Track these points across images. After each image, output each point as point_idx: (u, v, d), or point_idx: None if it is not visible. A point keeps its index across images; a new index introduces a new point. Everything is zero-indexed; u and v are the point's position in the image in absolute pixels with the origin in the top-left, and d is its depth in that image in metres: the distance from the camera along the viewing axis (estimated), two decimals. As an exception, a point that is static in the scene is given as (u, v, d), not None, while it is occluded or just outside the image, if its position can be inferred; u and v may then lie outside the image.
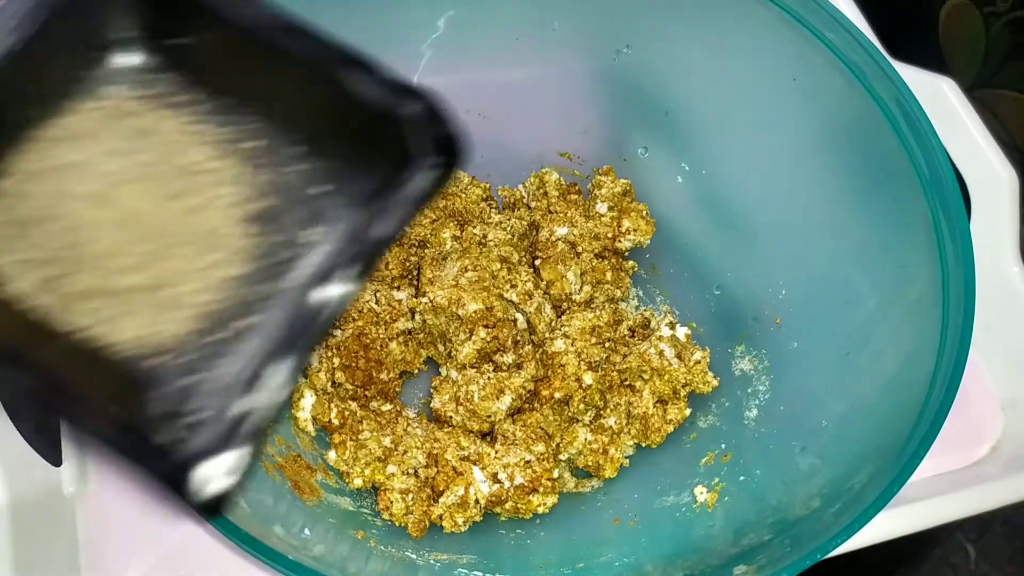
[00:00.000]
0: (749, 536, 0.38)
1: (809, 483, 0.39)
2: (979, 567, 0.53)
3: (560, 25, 0.47)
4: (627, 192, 0.52)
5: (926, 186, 0.38)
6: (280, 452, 0.42)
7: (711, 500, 0.42)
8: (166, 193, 0.21)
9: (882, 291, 0.41)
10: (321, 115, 0.23)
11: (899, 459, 0.34)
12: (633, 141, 0.52)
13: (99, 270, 0.21)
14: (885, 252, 0.41)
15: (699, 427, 0.47)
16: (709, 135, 0.48)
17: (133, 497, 0.43)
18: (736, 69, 0.45)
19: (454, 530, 0.43)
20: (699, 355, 0.47)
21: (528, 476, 0.43)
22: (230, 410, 0.21)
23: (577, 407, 0.46)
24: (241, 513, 0.34)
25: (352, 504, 0.43)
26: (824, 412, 0.41)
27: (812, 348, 0.44)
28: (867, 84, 0.39)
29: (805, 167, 0.45)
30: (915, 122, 0.38)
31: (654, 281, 0.52)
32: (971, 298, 0.36)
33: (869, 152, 0.41)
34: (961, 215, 0.37)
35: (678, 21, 0.46)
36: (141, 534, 0.43)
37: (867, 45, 0.39)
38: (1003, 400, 0.51)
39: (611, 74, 0.49)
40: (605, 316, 0.47)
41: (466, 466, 0.43)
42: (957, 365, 0.35)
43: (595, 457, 0.45)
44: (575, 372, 0.45)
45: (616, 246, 0.51)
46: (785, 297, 0.46)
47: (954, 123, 0.51)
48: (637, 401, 0.46)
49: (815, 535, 0.34)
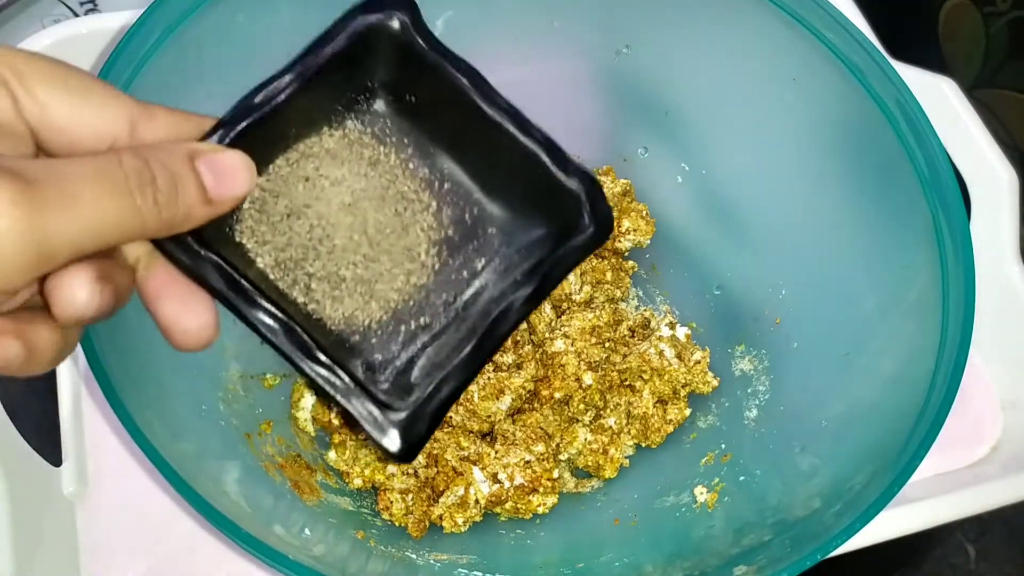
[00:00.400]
0: (749, 536, 0.38)
1: (809, 483, 0.39)
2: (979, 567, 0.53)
3: (560, 25, 0.47)
4: (627, 192, 0.52)
5: (926, 186, 0.38)
6: (280, 452, 0.42)
7: (711, 500, 0.42)
8: (390, 211, 0.28)
9: (882, 291, 0.41)
10: (504, 172, 0.28)
11: (899, 459, 0.34)
12: (633, 141, 0.52)
13: (328, 261, 0.27)
14: (885, 252, 0.41)
15: (699, 427, 0.47)
16: (709, 135, 0.48)
17: (133, 498, 0.43)
18: (736, 69, 0.45)
19: (454, 530, 0.43)
20: (699, 355, 0.47)
21: (528, 476, 0.43)
22: (411, 395, 0.27)
23: (577, 407, 0.46)
24: (241, 513, 0.34)
25: (352, 504, 0.43)
26: (824, 412, 0.41)
27: (812, 348, 0.44)
28: (867, 84, 0.39)
29: (805, 167, 0.45)
30: (915, 122, 0.38)
31: (654, 281, 0.52)
32: (971, 298, 0.36)
33: (869, 152, 0.41)
34: (961, 215, 0.37)
35: (678, 21, 0.46)
36: (141, 534, 0.43)
37: (867, 45, 0.39)
38: (1003, 400, 0.51)
39: (611, 74, 0.49)
40: (605, 316, 0.47)
41: (466, 466, 0.43)
42: (957, 365, 0.35)
43: (595, 457, 0.45)
44: (575, 372, 0.45)
45: (616, 246, 0.51)
46: (785, 297, 0.46)
47: (954, 123, 0.51)
48: (637, 401, 0.46)
49: (815, 535, 0.34)
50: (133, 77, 0.36)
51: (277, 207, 0.26)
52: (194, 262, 0.24)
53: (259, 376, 0.45)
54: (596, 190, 0.28)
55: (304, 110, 0.26)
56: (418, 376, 0.28)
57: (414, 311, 0.28)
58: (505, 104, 0.28)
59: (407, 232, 0.28)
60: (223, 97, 0.26)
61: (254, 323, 0.25)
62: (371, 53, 0.27)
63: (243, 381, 0.43)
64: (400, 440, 0.27)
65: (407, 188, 0.28)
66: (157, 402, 0.36)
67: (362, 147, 0.28)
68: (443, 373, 0.28)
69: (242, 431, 0.41)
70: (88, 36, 0.48)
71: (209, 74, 0.39)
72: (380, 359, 0.27)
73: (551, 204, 0.28)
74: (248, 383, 0.43)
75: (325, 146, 0.27)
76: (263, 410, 0.43)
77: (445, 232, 0.28)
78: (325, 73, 0.26)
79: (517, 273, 0.28)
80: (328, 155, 0.27)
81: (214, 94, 0.27)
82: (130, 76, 0.36)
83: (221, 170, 0.23)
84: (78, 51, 0.47)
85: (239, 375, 0.43)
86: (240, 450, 0.40)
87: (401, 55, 0.27)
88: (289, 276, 0.27)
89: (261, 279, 0.26)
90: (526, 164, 0.28)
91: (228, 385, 0.42)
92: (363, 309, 0.27)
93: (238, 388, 0.43)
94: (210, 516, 0.31)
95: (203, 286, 0.25)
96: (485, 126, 0.28)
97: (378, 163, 0.28)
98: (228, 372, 0.43)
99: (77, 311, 0.21)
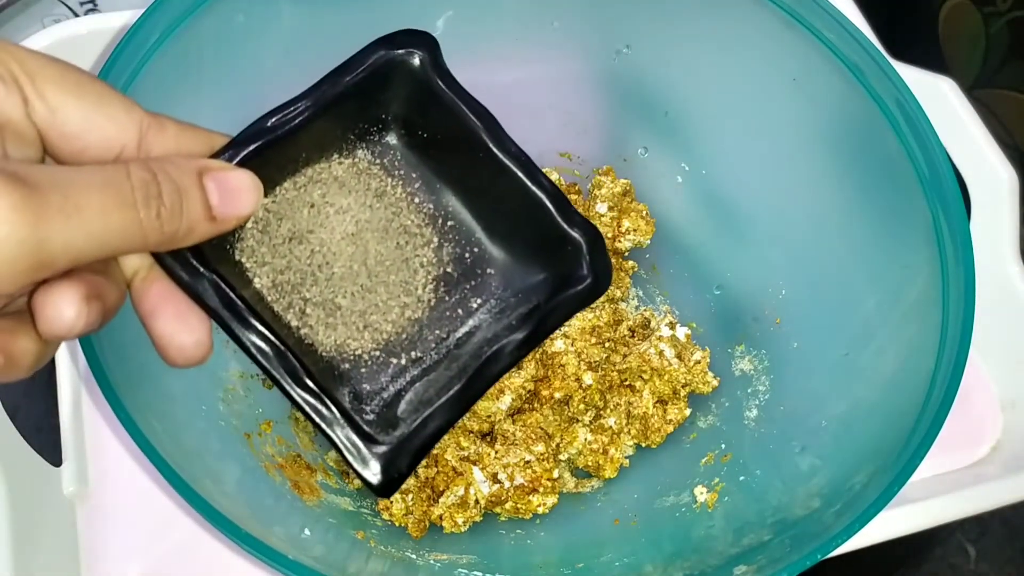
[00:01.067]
0: (749, 536, 0.38)
1: (809, 483, 0.39)
2: (979, 567, 0.53)
3: (560, 25, 0.47)
4: (627, 192, 0.52)
5: (926, 186, 0.38)
6: (280, 452, 0.42)
7: (711, 500, 0.42)
8: (392, 244, 0.28)
9: (882, 291, 0.41)
10: (509, 216, 0.29)
11: (899, 459, 0.34)
12: (633, 141, 0.51)
13: (326, 288, 0.27)
14: (885, 252, 0.41)
15: (699, 427, 0.47)
16: (709, 135, 0.48)
17: (133, 498, 0.43)
18: (736, 69, 0.45)
19: (454, 530, 0.43)
20: (699, 355, 0.47)
21: (528, 476, 0.43)
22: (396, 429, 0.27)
23: (577, 407, 0.46)
24: (241, 513, 0.34)
25: (352, 504, 0.43)
26: (824, 412, 0.41)
27: (812, 348, 0.44)
28: (867, 84, 0.39)
29: (805, 167, 0.45)
30: (915, 122, 0.38)
31: (654, 281, 0.52)
32: (971, 298, 0.36)
33: (869, 152, 0.41)
34: (961, 215, 0.37)
35: (678, 21, 0.46)
36: (141, 534, 0.43)
37: (867, 45, 0.39)
38: (1003, 400, 0.51)
39: (611, 74, 0.49)
40: (605, 316, 0.47)
41: (466, 466, 0.43)
42: (957, 365, 0.35)
43: (595, 457, 0.45)
44: (575, 372, 0.45)
45: (616, 246, 0.51)
46: (785, 297, 0.46)
47: (954, 123, 0.51)
48: (637, 401, 0.46)
49: (815, 535, 0.34)
50: (133, 77, 0.36)
51: (280, 230, 0.26)
52: (192, 278, 0.24)
53: (259, 376, 0.45)
54: (597, 242, 0.28)
55: (316, 136, 0.27)
56: (405, 411, 0.28)
57: (406, 344, 0.28)
58: (516, 150, 0.28)
59: (406, 266, 0.28)
60: (223, 98, 0.26)
61: (246, 344, 0.25)
62: (389, 87, 0.27)
63: (243, 381, 0.43)
64: (381, 473, 0.27)
65: (411, 222, 0.28)
66: (157, 402, 0.36)
67: (370, 177, 0.28)
68: (430, 410, 0.28)
69: (242, 431, 0.41)
70: (88, 36, 0.48)
71: (209, 74, 0.39)
72: (368, 389, 0.28)
73: (552, 252, 0.29)
74: (248, 383, 0.44)
75: (334, 173, 0.27)
76: (263, 410, 0.43)
77: (444, 269, 0.29)
78: (341, 102, 0.26)
79: (512, 317, 0.29)
80: (336, 183, 0.27)
81: (214, 95, 0.27)
82: (130, 76, 0.36)
83: (228, 189, 0.23)
84: (78, 51, 0.47)
85: (239, 375, 0.43)
86: (240, 450, 0.40)
87: (418, 92, 0.28)
88: (285, 299, 0.27)
89: (256, 299, 0.26)
90: (531, 210, 0.28)
91: (228, 385, 0.42)
92: (355, 338, 0.27)
93: (238, 388, 0.43)
94: (210, 516, 0.31)
95: (198, 303, 0.24)
96: (494, 170, 0.28)
97: (384, 195, 0.28)
98: (228, 372, 0.43)
99: (62, 329, 0.21)
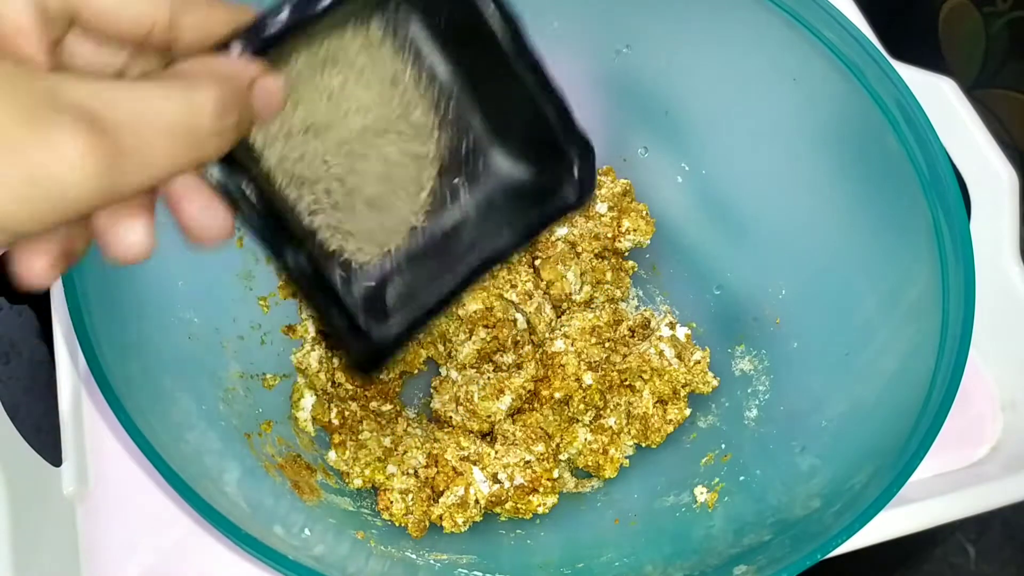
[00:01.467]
0: (749, 536, 0.38)
1: (809, 483, 0.39)
2: (979, 567, 0.53)
3: (560, 25, 0.47)
4: (627, 192, 0.52)
5: (926, 186, 0.38)
6: (280, 452, 0.42)
7: (711, 500, 0.42)
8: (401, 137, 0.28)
9: (882, 291, 0.41)
10: (509, 116, 0.29)
11: (899, 459, 0.34)
12: (633, 141, 0.51)
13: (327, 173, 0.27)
14: (885, 252, 0.41)
15: (699, 427, 0.47)
16: (709, 135, 0.48)
17: (133, 498, 0.43)
18: (736, 69, 0.45)
19: (454, 530, 0.43)
20: (699, 355, 0.47)
21: (528, 476, 0.43)
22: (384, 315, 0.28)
23: (577, 407, 0.46)
24: (241, 513, 0.34)
25: (352, 504, 0.43)
26: (824, 412, 0.41)
27: (812, 348, 0.44)
28: (867, 84, 0.39)
29: (805, 167, 0.45)
30: (915, 122, 0.38)
31: (654, 281, 0.52)
32: (971, 298, 0.36)
33: (869, 152, 0.41)
34: (961, 215, 0.37)
35: (678, 21, 0.46)
36: (141, 534, 0.43)
37: (867, 45, 0.39)
38: (1003, 400, 0.51)
39: (611, 74, 0.49)
40: (605, 316, 0.47)
41: (466, 466, 0.43)
42: (957, 365, 0.35)
43: (595, 457, 0.45)
44: (575, 372, 0.45)
45: (616, 246, 0.51)
46: (785, 297, 0.46)
47: (954, 123, 0.51)
48: (637, 401, 0.46)
49: (815, 535, 0.34)
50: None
51: (295, 115, 0.26)
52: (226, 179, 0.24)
53: (259, 376, 0.45)
54: (587, 157, 0.29)
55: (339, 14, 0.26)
56: (391, 297, 0.29)
57: (402, 235, 0.29)
58: (532, 60, 0.28)
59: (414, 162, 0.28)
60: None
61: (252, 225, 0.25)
62: None
63: (243, 381, 0.43)
64: (365, 351, 0.28)
65: (419, 111, 0.28)
66: (156, 402, 0.36)
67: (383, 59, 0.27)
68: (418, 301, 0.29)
69: (242, 431, 0.41)
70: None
71: None
72: (360, 276, 0.28)
73: (544, 160, 0.29)
74: (248, 383, 0.44)
75: (348, 54, 0.27)
76: (263, 410, 0.43)
77: (443, 162, 0.29)
78: None
79: (499, 218, 0.29)
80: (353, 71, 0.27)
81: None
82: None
83: (267, 95, 0.24)
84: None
85: (239, 375, 0.43)
86: (240, 450, 0.40)
87: None
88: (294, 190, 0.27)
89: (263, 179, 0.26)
90: (531, 116, 0.28)
91: (228, 385, 0.42)
92: (351, 219, 0.28)
93: (238, 388, 0.43)
94: (210, 517, 0.31)
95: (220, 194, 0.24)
96: (505, 72, 0.28)
97: (397, 82, 0.28)
98: (228, 372, 0.43)
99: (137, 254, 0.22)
